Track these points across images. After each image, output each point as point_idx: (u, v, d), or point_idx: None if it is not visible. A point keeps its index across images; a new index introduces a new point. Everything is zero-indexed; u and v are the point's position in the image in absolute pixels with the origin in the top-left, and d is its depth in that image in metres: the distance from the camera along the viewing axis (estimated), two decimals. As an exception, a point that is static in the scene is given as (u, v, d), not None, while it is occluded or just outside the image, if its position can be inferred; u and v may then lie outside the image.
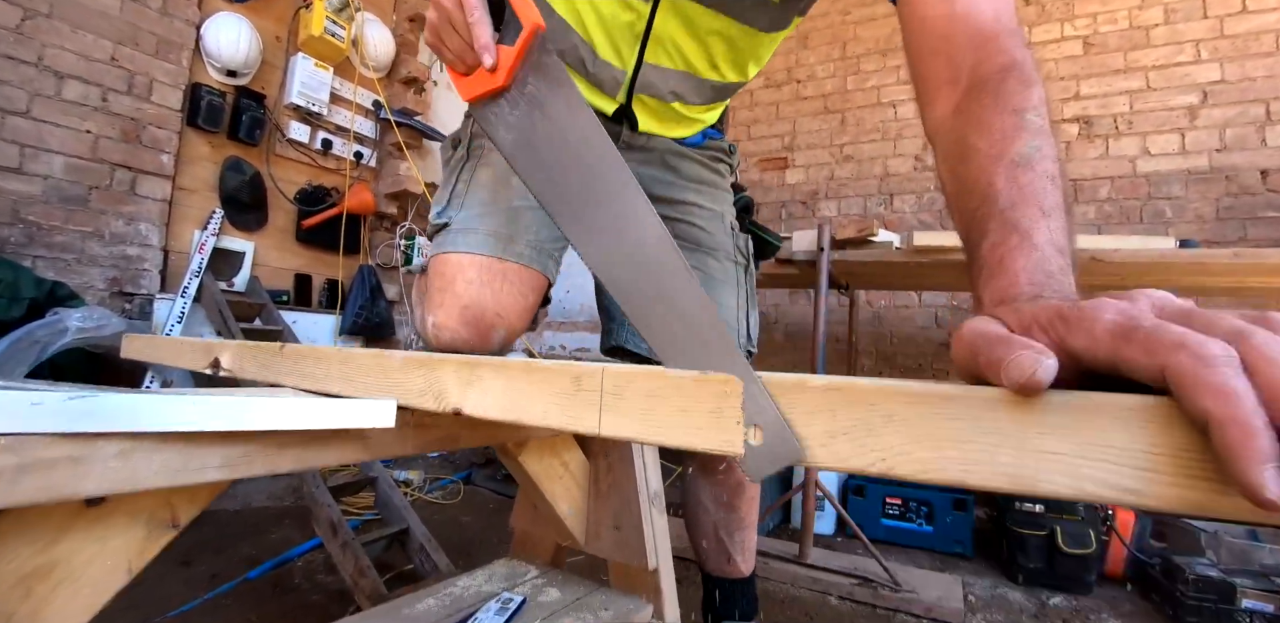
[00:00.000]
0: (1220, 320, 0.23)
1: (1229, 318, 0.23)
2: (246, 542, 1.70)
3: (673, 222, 0.90)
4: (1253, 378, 0.20)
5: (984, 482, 0.25)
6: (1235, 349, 0.21)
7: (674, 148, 0.91)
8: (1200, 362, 0.20)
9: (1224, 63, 2.30)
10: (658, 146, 0.89)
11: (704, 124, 0.93)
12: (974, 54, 0.50)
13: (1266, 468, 0.18)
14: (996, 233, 0.39)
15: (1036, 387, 0.24)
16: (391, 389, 0.48)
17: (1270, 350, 0.20)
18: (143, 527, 0.41)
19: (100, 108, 1.86)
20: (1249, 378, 0.20)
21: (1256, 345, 0.20)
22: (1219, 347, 0.21)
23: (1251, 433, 0.18)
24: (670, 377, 0.33)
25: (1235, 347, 0.21)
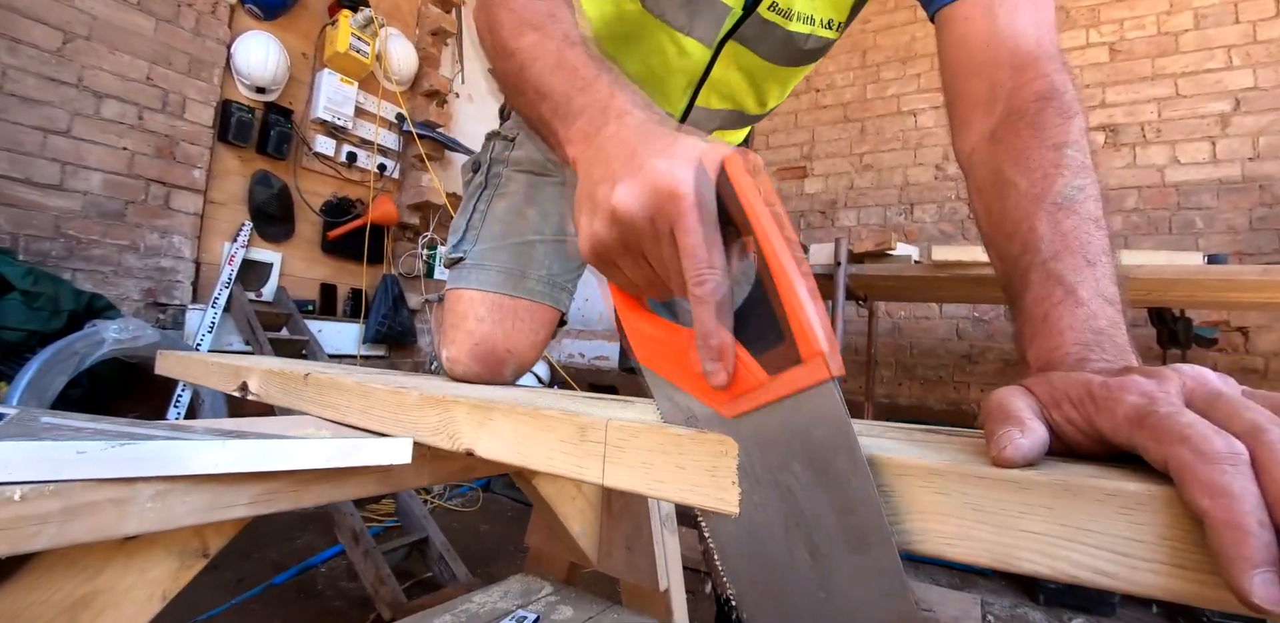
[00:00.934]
0: (1244, 412, 0.22)
1: (1255, 410, 0.22)
2: (272, 547, 1.74)
3: None
4: (1260, 477, 0.19)
5: (965, 556, 0.26)
6: (1248, 445, 0.20)
7: None
8: (1200, 458, 0.20)
9: (1257, 68, 2.25)
10: None
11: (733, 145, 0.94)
12: (1013, 78, 0.48)
13: (1257, 573, 0.18)
14: (1040, 286, 0.38)
15: (1005, 463, 0.26)
16: (408, 425, 0.49)
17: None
18: (176, 557, 0.44)
19: (136, 125, 1.93)
20: (1258, 476, 0.19)
21: (1269, 443, 0.20)
22: (1223, 443, 0.20)
23: (1244, 536, 0.18)
24: (669, 433, 0.35)
25: (1248, 442, 0.20)
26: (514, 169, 0.76)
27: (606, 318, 3.66)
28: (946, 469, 0.27)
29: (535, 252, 0.73)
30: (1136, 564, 0.23)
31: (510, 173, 0.76)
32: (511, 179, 0.76)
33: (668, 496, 0.34)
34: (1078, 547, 0.24)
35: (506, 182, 0.76)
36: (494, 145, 0.79)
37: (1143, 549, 0.23)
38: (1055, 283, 0.37)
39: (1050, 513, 0.24)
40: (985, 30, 0.50)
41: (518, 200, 0.75)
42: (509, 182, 0.76)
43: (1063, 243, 0.39)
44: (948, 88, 0.55)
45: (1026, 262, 0.40)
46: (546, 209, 0.75)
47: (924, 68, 2.91)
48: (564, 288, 0.76)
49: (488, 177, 0.77)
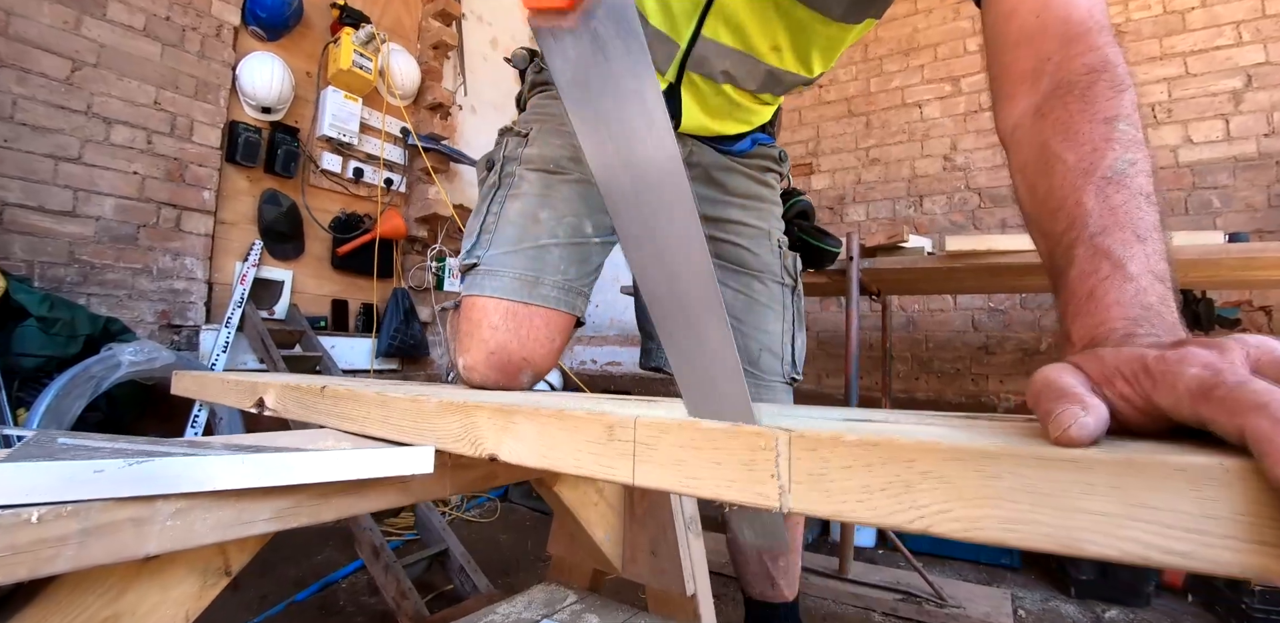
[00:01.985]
0: None
1: None
2: (292, 564, 1.74)
3: (716, 242, 0.87)
4: None
5: (1025, 542, 0.24)
6: None
7: (721, 162, 0.87)
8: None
9: (1268, 43, 2.21)
10: (703, 161, 0.86)
11: (751, 124, 0.87)
12: (1063, 50, 0.46)
13: None
14: (1085, 261, 0.36)
15: (1069, 443, 0.25)
16: (428, 433, 0.49)
17: None
18: (199, 576, 0.43)
19: (146, 150, 1.95)
20: None
21: None
22: None
23: None
24: (703, 429, 0.33)
25: None
26: (527, 168, 0.74)
27: (618, 323, 3.65)
28: (1000, 452, 0.25)
29: (550, 256, 0.72)
30: (1211, 542, 0.21)
31: (524, 172, 0.74)
32: (525, 178, 0.74)
33: (702, 492, 0.33)
34: (1146, 526, 0.22)
35: (520, 181, 0.74)
36: (507, 142, 0.78)
37: (1217, 526, 0.21)
38: (1103, 258, 0.36)
39: (1115, 492, 0.23)
40: (1036, 1, 0.48)
41: (531, 203, 0.73)
42: (522, 181, 0.74)
43: (1112, 218, 0.37)
44: (993, 61, 0.52)
45: (1072, 237, 0.38)
46: (561, 211, 0.74)
47: (927, 59, 2.89)
48: (580, 292, 0.75)
49: (501, 176, 0.75)
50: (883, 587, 1.61)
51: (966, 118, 2.78)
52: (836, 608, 1.57)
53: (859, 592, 1.59)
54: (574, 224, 0.74)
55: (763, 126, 0.90)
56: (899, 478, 0.27)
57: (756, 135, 0.89)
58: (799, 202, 1.00)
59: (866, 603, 1.57)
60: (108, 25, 1.87)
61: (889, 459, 0.27)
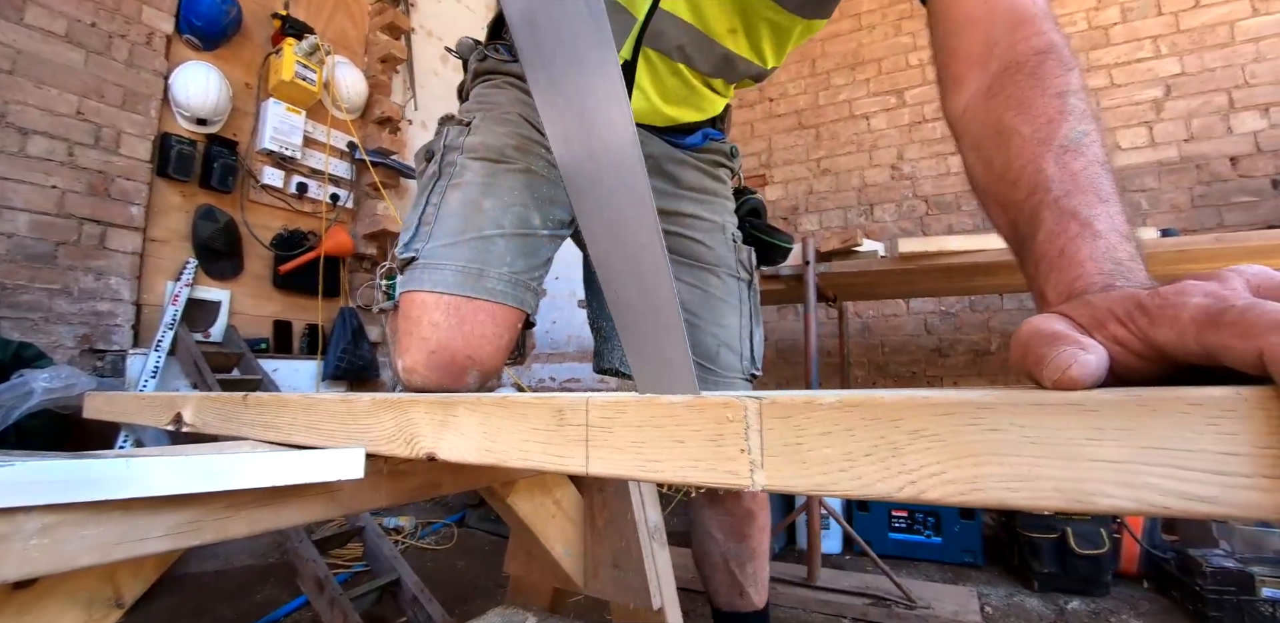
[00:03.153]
0: None
1: None
2: (228, 605, 1.60)
3: (670, 236, 0.84)
4: None
5: (1031, 501, 0.22)
6: None
7: (673, 155, 0.86)
8: None
9: (1183, 56, 2.37)
10: (655, 153, 0.84)
11: (705, 113, 0.86)
12: (1011, 33, 0.47)
13: None
14: (1053, 222, 0.36)
15: (1070, 384, 0.23)
16: (360, 436, 0.43)
17: None
18: (82, 609, 0.37)
19: (66, 162, 1.82)
20: None
21: None
22: None
23: None
24: (663, 404, 0.30)
25: None
26: (470, 157, 0.70)
27: (576, 339, 3.59)
28: (996, 402, 0.22)
29: (495, 247, 0.67)
30: (1236, 482, 0.19)
31: (466, 161, 0.70)
32: (467, 167, 0.70)
33: (665, 476, 0.29)
34: (1163, 471, 0.20)
35: (462, 170, 0.70)
36: (448, 131, 0.73)
37: (1241, 464, 0.19)
38: (1070, 218, 0.36)
39: (1126, 436, 0.20)
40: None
41: (474, 191, 0.69)
42: (465, 170, 0.70)
43: (1073, 182, 0.37)
44: (940, 48, 0.53)
45: (1036, 201, 0.38)
46: (506, 200, 0.69)
47: (872, 73, 2.99)
48: (528, 286, 0.70)
49: (441, 165, 0.71)
50: (852, 592, 1.58)
51: (911, 128, 2.88)
52: (807, 616, 1.53)
53: (828, 599, 1.56)
54: (520, 214, 0.70)
55: (714, 121, 0.89)
56: (885, 440, 0.24)
57: (708, 130, 0.88)
58: (750, 199, 0.99)
59: (837, 609, 1.54)
60: (25, 30, 1.76)
61: (873, 420, 0.24)
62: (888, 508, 2.03)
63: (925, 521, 1.97)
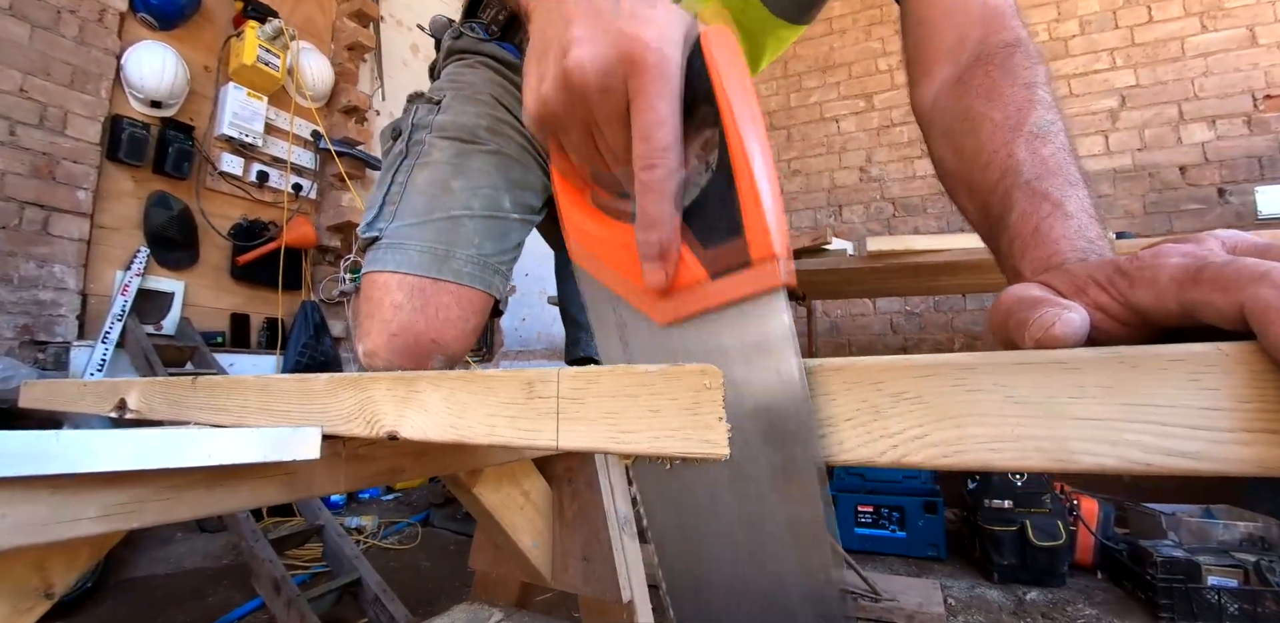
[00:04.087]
0: None
1: None
2: (179, 608, 1.53)
3: None
4: None
5: (1014, 461, 0.21)
6: None
7: None
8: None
9: (1138, 68, 2.47)
10: None
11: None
12: (981, 28, 0.49)
13: None
14: (1026, 203, 0.37)
15: (1054, 342, 0.22)
16: (317, 416, 0.41)
17: None
18: (7, 599, 0.34)
19: (8, 142, 1.72)
20: None
21: None
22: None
23: None
24: (638, 373, 0.29)
25: None
26: (438, 136, 0.68)
27: (545, 337, 3.56)
28: (978, 362, 0.22)
29: (462, 228, 0.65)
30: (1218, 437, 0.19)
31: (434, 140, 0.68)
32: (435, 146, 0.67)
33: (639, 447, 0.28)
34: (1145, 428, 0.20)
35: (430, 149, 0.67)
36: (417, 109, 0.71)
37: (1222, 418, 0.19)
38: (1042, 199, 0.37)
39: (1108, 393, 0.20)
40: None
41: (443, 171, 0.66)
42: (432, 149, 0.67)
43: (1044, 166, 0.39)
44: (912, 40, 0.55)
45: (1008, 183, 0.39)
46: (476, 181, 0.67)
47: (843, 76, 3.04)
48: (497, 270, 0.68)
49: (409, 144, 0.68)
50: (821, 588, 1.60)
51: (880, 132, 2.93)
52: (776, 613, 1.54)
53: (798, 595, 1.57)
54: (491, 196, 0.68)
55: None
56: (866, 404, 0.24)
57: None
58: None
59: (805, 605, 1.55)
60: (-37, 2, 1.66)
61: (854, 383, 0.24)
62: (854, 504, 2.06)
63: (890, 515, 2.01)
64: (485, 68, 0.73)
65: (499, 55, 0.74)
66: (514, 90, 0.73)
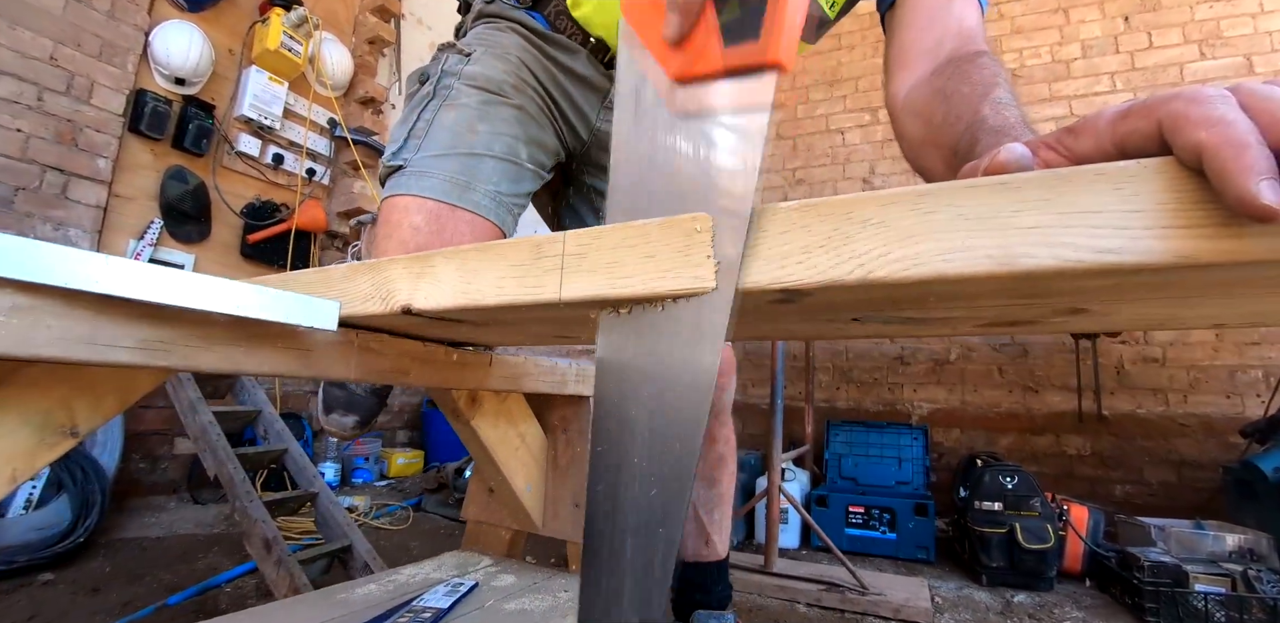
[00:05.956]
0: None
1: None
2: (168, 570, 1.54)
3: None
4: (1247, 112, 0.20)
5: (964, 268, 0.24)
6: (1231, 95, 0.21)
7: None
8: (1192, 102, 0.21)
9: (1136, 92, 2.53)
10: None
11: None
12: (956, 39, 0.59)
13: (1262, 180, 0.18)
14: (989, 136, 0.43)
15: (999, 168, 0.25)
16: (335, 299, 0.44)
17: (1264, 89, 0.20)
18: (35, 431, 0.36)
19: (35, 107, 1.77)
20: (1245, 114, 0.20)
21: (1250, 88, 0.21)
22: (1213, 89, 0.21)
23: (1245, 149, 0.18)
24: (637, 226, 0.32)
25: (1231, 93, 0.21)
26: (466, 83, 0.71)
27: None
28: (934, 189, 0.25)
29: (484, 165, 0.68)
30: (1138, 234, 0.22)
31: (462, 86, 0.71)
32: (463, 93, 0.70)
33: (634, 290, 0.31)
34: (1077, 231, 0.23)
35: (458, 94, 0.71)
36: (447, 57, 0.74)
37: (1141, 219, 0.22)
38: (1004, 135, 0.43)
39: (1046, 204, 0.23)
40: (943, 7, 0.62)
41: (468, 114, 0.69)
42: (460, 95, 0.70)
43: (1005, 123, 0.44)
44: (898, 39, 0.63)
45: (974, 130, 0.45)
46: (498, 128, 0.70)
47: (849, 90, 3.11)
48: (510, 210, 0.71)
49: (436, 87, 0.71)
50: (807, 579, 1.60)
51: (884, 144, 2.99)
52: (763, 601, 1.55)
53: (784, 584, 1.58)
54: (510, 144, 0.71)
55: None
56: (838, 231, 0.27)
57: None
58: None
59: (791, 595, 1.55)
60: (2, -29, 1.72)
61: (827, 215, 0.27)
62: (845, 504, 2.06)
63: (880, 517, 2.01)
64: (514, 33, 0.77)
65: (528, 23, 0.77)
66: (539, 55, 0.77)
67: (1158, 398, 2.29)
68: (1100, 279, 0.24)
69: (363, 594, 0.70)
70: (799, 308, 0.33)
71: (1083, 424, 2.37)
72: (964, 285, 0.26)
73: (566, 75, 0.79)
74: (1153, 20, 2.58)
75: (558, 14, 0.77)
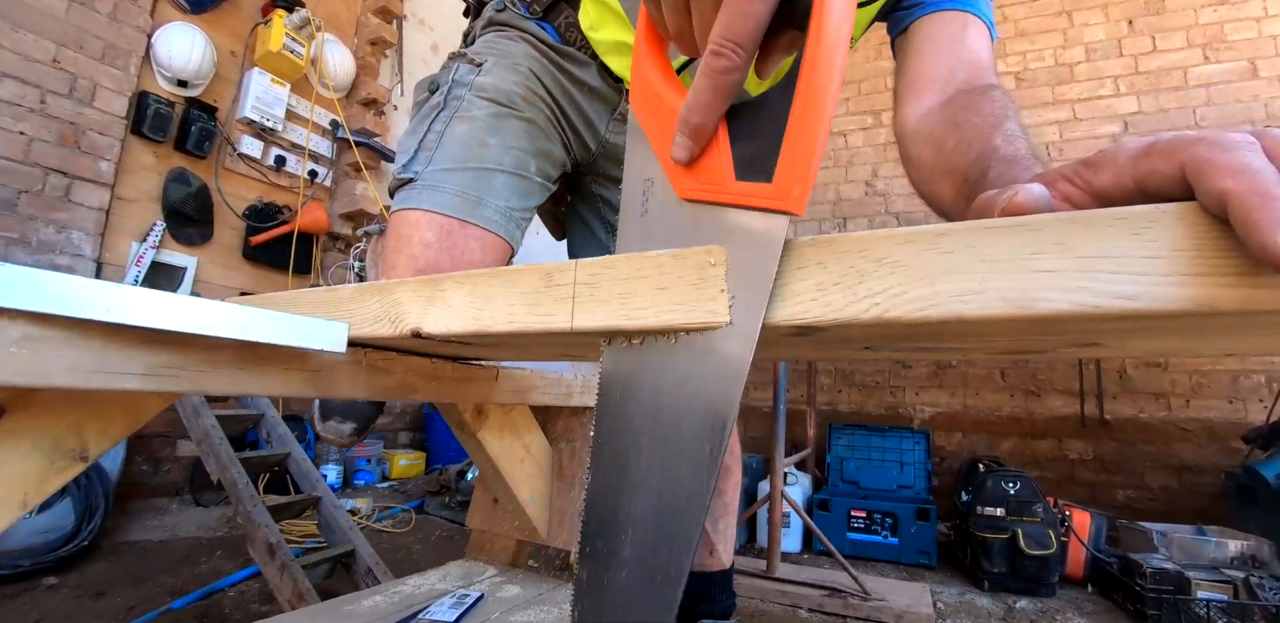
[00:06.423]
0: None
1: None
2: (171, 574, 1.54)
3: None
4: (1273, 161, 0.19)
5: (981, 310, 0.24)
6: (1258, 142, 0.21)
7: None
8: (1217, 147, 0.20)
9: (1140, 95, 2.52)
10: None
11: None
12: (968, 70, 0.60)
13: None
14: (1001, 165, 0.43)
15: (1015, 209, 0.25)
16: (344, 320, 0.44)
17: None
18: (45, 455, 0.37)
19: (37, 110, 1.77)
20: (1271, 163, 0.19)
21: (1276, 135, 0.20)
22: (1239, 135, 0.21)
23: (1273, 200, 0.18)
24: (649, 257, 0.32)
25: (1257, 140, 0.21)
26: (477, 95, 0.71)
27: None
28: (951, 229, 0.25)
29: (495, 180, 0.68)
30: (1157, 281, 0.22)
31: (473, 98, 0.70)
32: (474, 104, 0.70)
33: (648, 321, 0.31)
34: (1096, 276, 0.23)
35: (469, 106, 0.70)
36: (458, 67, 0.73)
37: (1160, 265, 0.22)
38: (1014, 163, 0.43)
39: (1063, 249, 0.23)
40: (956, 35, 0.62)
41: (480, 126, 0.69)
42: (471, 106, 0.70)
43: (1016, 153, 0.45)
44: (911, 65, 0.64)
45: (986, 159, 0.46)
46: (509, 142, 0.70)
47: (851, 93, 3.10)
48: (519, 224, 0.71)
49: (447, 98, 0.70)
50: (809, 584, 1.60)
51: (886, 147, 2.98)
52: (764, 606, 1.55)
53: (786, 589, 1.58)
54: (520, 158, 0.71)
55: None
56: (853, 269, 0.26)
57: None
58: None
59: (793, 600, 1.56)
60: (5, -26, 1.72)
61: (843, 252, 0.27)
62: (847, 508, 2.06)
63: (883, 521, 2.01)
64: (524, 42, 0.76)
65: (537, 34, 0.77)
66: (549, 66, 0.77)
67: (1160, 403, 2.29)
68: (1117, 323, 0.24)
69: (369, 606, 0.70)
70: (812, 340, 0.33)
71: (1085, 429, 2.37)
72: (980, 325, 0.25)
73: (576, 87, 0.78)
74: (1156, 23, 2.58)
75: (568, 26, 0.76)
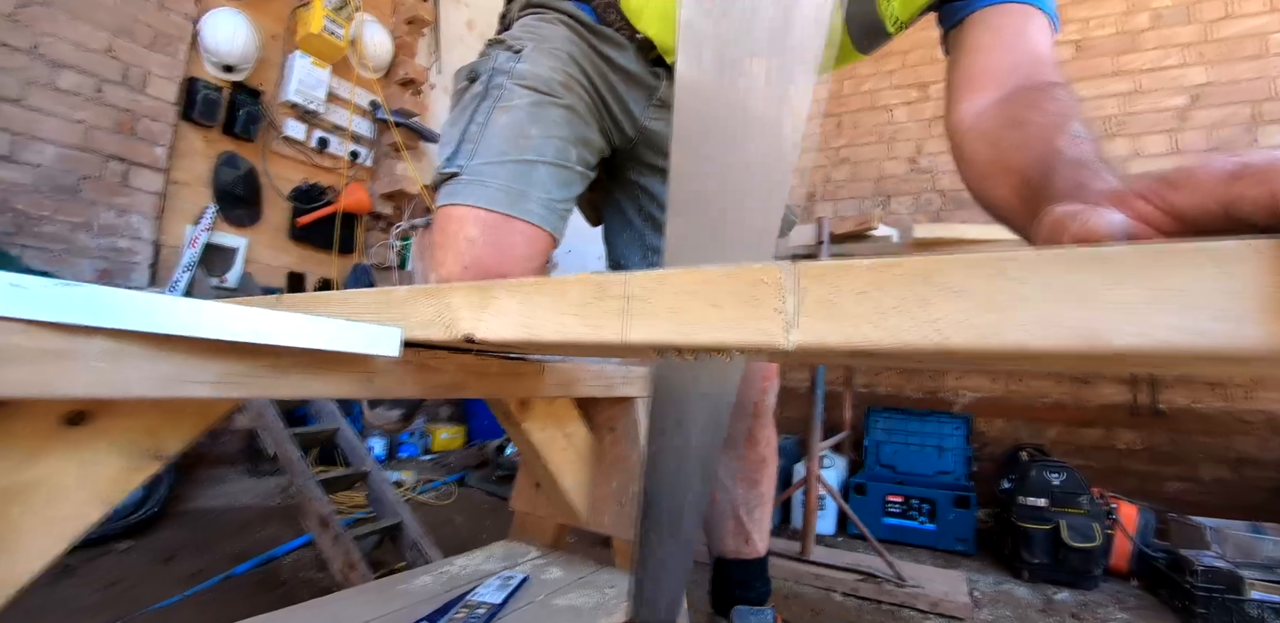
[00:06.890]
0: None
1: None
2: (232, 540, 1.64)
3: None
4: None
5: (1048, 342, 0.23)
6: None
7: None
8: None
9: (1211, 66, 2.35)
10: None
11: None
12: (1030, 66, 0.57)
13: None
14: (1067, 169, 0.40)
15: (1088, 235, 0.24)
16: (397, 323, 0.45)
17: None
18: (123, 455, 0.39)
19: (95, 98, 1.84)
20: None
21: None
22: None
23: None
24: (703, 271, 0.32)
25: None
26: (517, 83, 0.70)
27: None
28: (1022, 256, 0.24)
29: (537, 172, 0.68)
30: (1239, 319, 0.21)
31: (513, 86, 0.70)
32: (515, 93, 0.70)
33: (698, 339, 0.31)
34: (1172, 310, 0.22)
35: (510, 94, 0.70)
36: (497, 54, 0.73)
37: (1244, 305, 0.21)
38: (1081, 166, 0.40)
39: (1140, 281, 0.22)
40: (1018, 28, 0.59)
41: (521, 116, 0.69)
42: (512, 95, 0.70)
43: (1082, 155, 0.42)
44: (969, 62, 0.61)
45: (1050, 159, 0.43)
46: (550, 131, 0.70)
47: (896, 65, 2.98)
48: (561, 215, 0.72)
49: (488, 86, 0.71)
50: (844, 568, 1.61)
51: (932, 123, 2.87)
52: (799, 588, 1.57)
53: (820, 573, 1.60)
54: (561, 147, 0.71)
55: None
56: (914, 293, 0.26)
57: None
58: None
59: (828, 584, 1.57)
60: (60, -36, 1.77)
61: (906, 277, 0.26)
62: (884, 493, 2.05)
63: (920, 507, 2.00)
64: (562, 25, 0.76)
65: (576, 15, 0.76)
66: (587, 50, 0.76)
67: (1216, 393, 2.19)
68: (1189, 361, 0.23)
69: (420, 586, 0.74)
70: (869, 360, 0.32)
71: (1136, 418, 2.29)
72: (1044, 357, 0.25)
73: (614, 71, 0.77)
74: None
75: (606, 6, 0.75)
